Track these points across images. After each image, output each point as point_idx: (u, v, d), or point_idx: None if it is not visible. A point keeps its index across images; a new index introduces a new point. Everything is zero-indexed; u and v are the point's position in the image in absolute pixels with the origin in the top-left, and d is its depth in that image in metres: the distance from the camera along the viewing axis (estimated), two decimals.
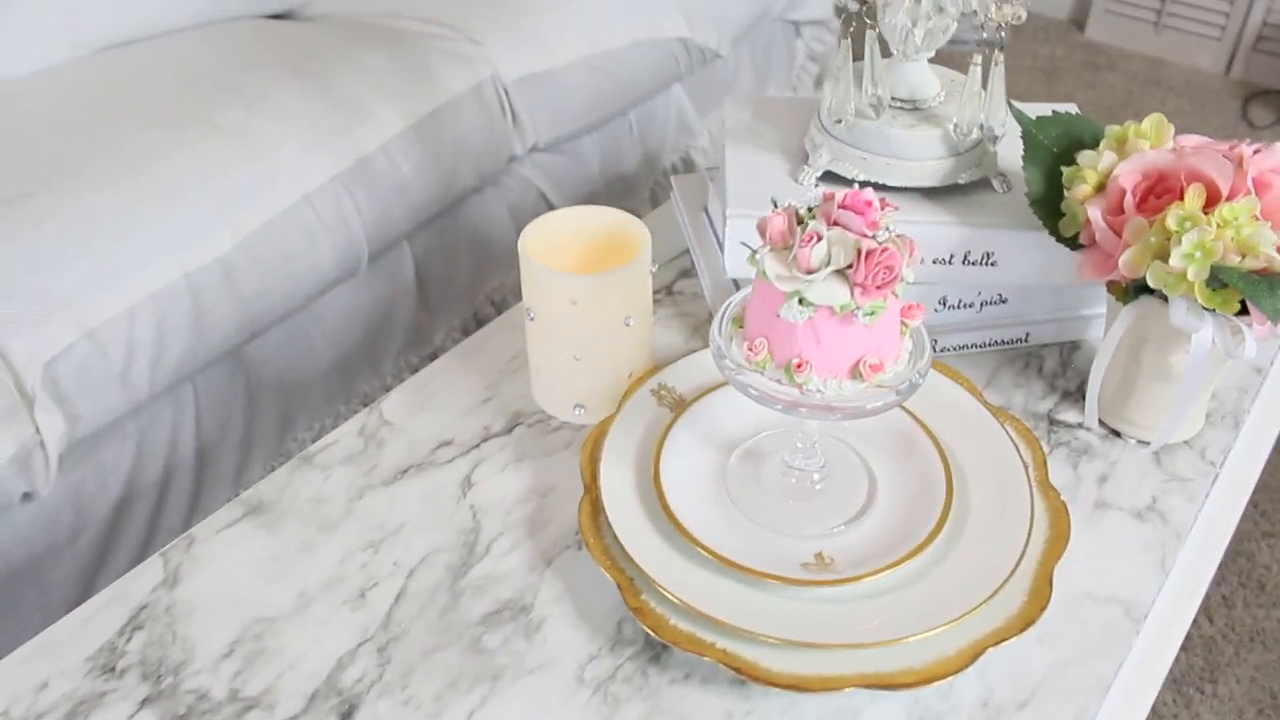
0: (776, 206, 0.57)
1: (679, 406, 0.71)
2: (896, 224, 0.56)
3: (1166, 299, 0.66)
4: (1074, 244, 0.72)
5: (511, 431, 0.75)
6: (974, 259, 0.77)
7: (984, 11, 0.72)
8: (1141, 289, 0.68)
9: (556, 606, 0.63)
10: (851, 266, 0.54)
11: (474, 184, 1.27)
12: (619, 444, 0.68)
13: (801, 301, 0.55)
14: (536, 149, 1.35)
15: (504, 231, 1.35)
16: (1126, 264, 0.66)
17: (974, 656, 0.57)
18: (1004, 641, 0.57)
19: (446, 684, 0.59)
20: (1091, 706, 0.59)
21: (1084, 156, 0.71)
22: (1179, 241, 0.63)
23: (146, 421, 1.02)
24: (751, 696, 0.58)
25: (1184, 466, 0.73)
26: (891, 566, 0.60)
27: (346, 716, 0.57)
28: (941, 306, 0.80)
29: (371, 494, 0.70)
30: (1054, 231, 0.73)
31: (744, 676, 0.56)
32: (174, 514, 1.07)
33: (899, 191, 0.78)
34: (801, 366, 0.57)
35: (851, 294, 0.55)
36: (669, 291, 0.89)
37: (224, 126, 1.06)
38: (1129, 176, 0.68)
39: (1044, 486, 0.67)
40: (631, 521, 0.63)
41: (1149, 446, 0.74)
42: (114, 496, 1.01)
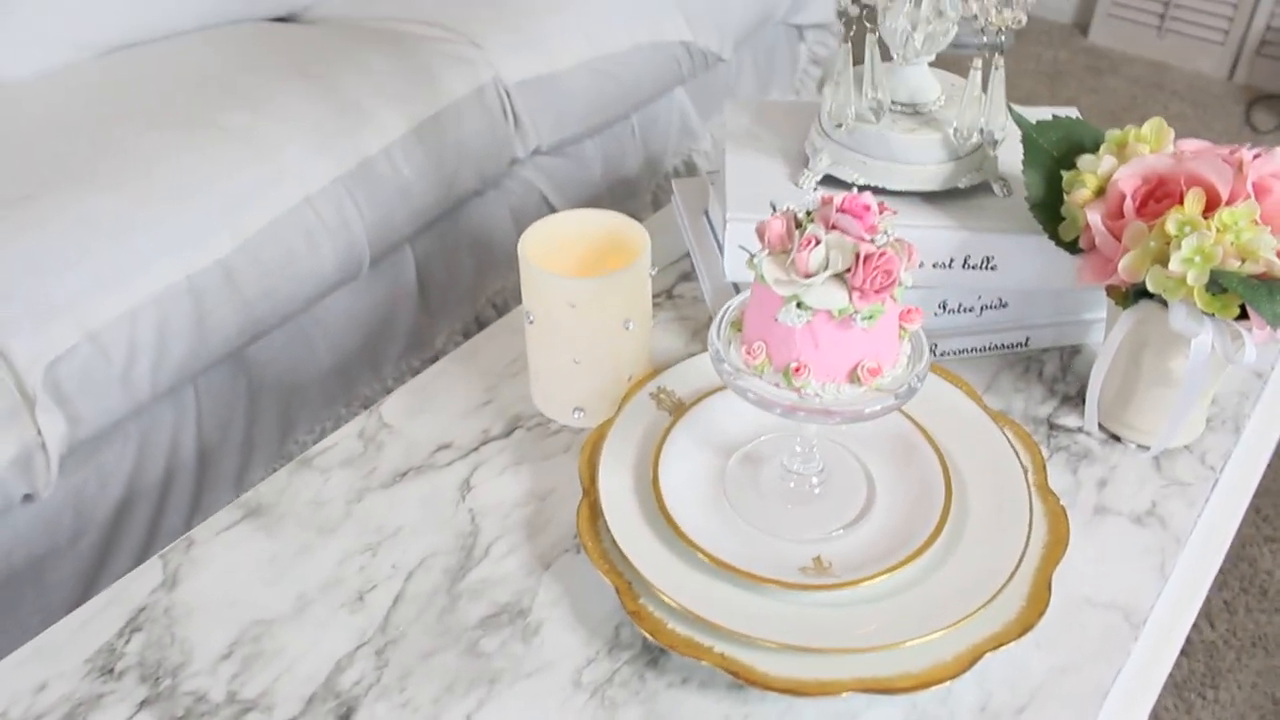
0: (775, 210, 0.57)
1: (678, 410, 0.71)
2: (896, 228, 0.56)
3: (1166, 304, 0.66)
4: (1074, 248, 0.72)
5: (511, 435, 0.75)
6: (974, 263, 0.77)
7: (984, 16, 0.72)
8: (1141, 293, 0.68)
9: (554, 610, 0.63)
10: (850, 270, 0.54)
11: (476, 187, 1.27)
12: (618, 448, 0.68)
13: (800, 305, 0.55)
14: (538, 152, 1.35)
15: (505, 234, 1.35)
16: (1126, 268, 0.66)
17: (972, 661, 0.57)
18: (1002, 646, 0.57)
19: (444, 687, 0.59)
20: (1090, 712, 0.59)
21: (1084, 161, 0.71)
22: (1178, 246, 0.63)
23: (148, 423, 1.02)
24: (749, 701, 0.58)
25: (1184, 471, 0.73)
26: (890, 571, 0.60)
27: (344, 719, 0.57)
28: (941, 310, 0.80)
29: (370, 497, 0.70)
30: (1054, 236, 0.73)
31: (741, 681, 0.56)
32: (175, 516, 1.07)
33: (899, 195, 0.78)
34: (800, 370, 0.57)
35: (850, 298, 0.55)
36: (669, 295, 0.89)
37: (228, 129, 1.07)
38: (1129, 181, 0.68)
39: (1043, 491, 0.67)
40: (630, 525, 0.63)
41: (1149, 451, 0.73)
42: (115, 498, 1.01)
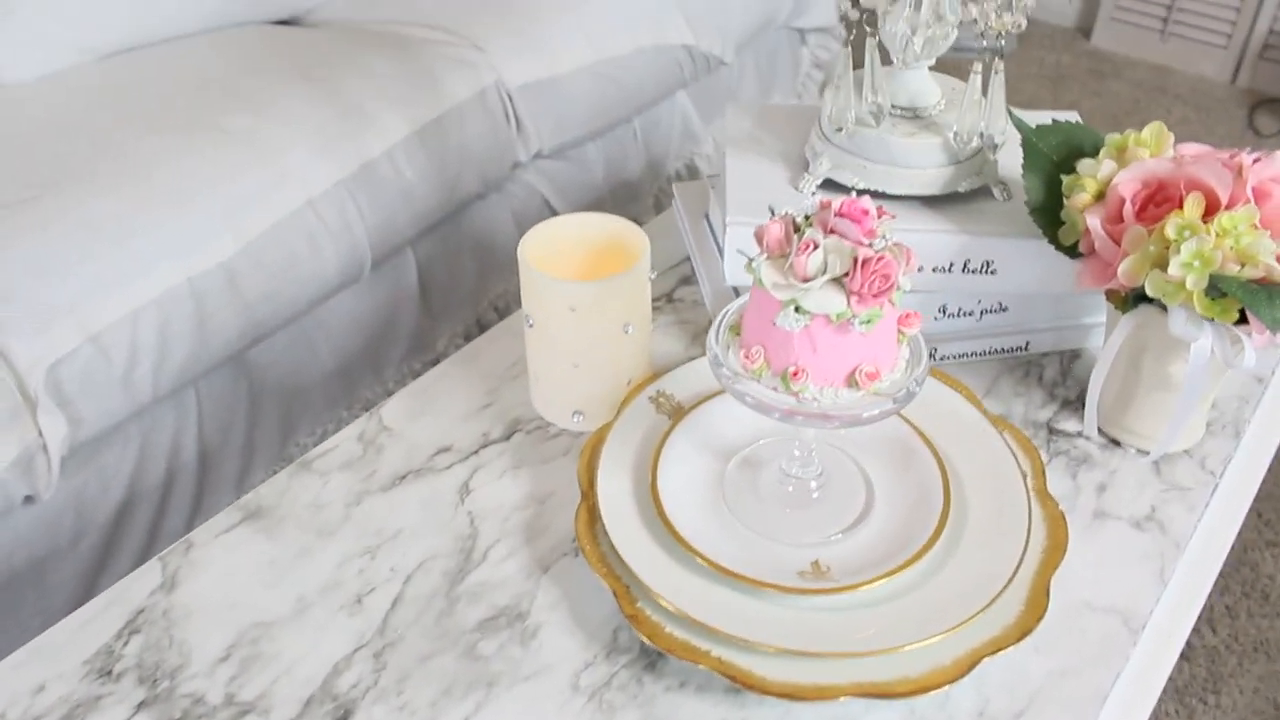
0: (774, 214, 0.57)
1: (677, 414, 0.71)
2: (895, 232, 0.56)
3: (1165, 308, 0.66)
4: (1073, 252, 0.72)
5: (510, 438, 0.75)
6: (974, 267, 0.77)
7: (984, 20, 0.72)
8: (1140, 298, 0.68)
9: (552, 613, 0.63)
10: (848, 275, 0.54)
11: (478, 190, 1.28)
12: (617, 451, 0.68)
13: (798, 309, 0.55)
14: (541, 155, 1.35)
15: (507, 238, 1.35)
16: (1125, 273, 0.66)
17: (970, 666, 0.57)
18: (1000, 651, 0.57)
19: (441, 690, 0.59)
20: (1089, 717, 0.58)
21: (1084, 165, 0.71)
22: (1178, 250, 0.63)
23: (149, 425, 1.02)
24: (746, 705, 0.58)
25: (1184, 476, 0.73)
26: (888, 575, 0.60)
27: None
28: (941, 315, 0.80)
29: (370, 500, 0.70)
30: (1054, 240, 0.73)
31: (739, 685, 0.56)
32: (176, 518, 1.07)
33: (899, 199, 0.78)
34: (798, 374, 0.57)
35: (848, 302, 0.55)
36: (669, 299, 0.89)
37: (230, 131, 1.07)
38: (1128, 185, 0.68)
39: (1042, 495, 0.66)
40: (628, 529, 0.63)
41: (1149, 456, 0.73)
42: (116, 500, 1.01)
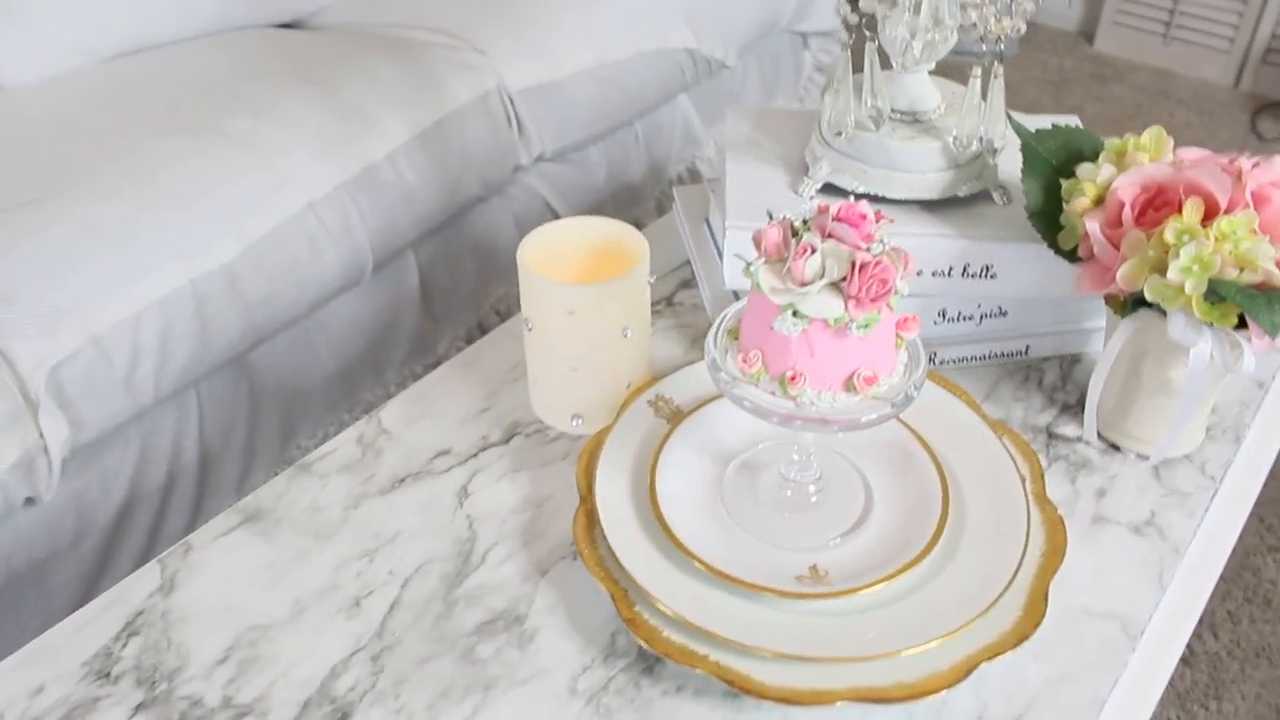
0: (772, 218, 0.57)
1: (676, 418, 0.71)
2: (895, 236, 0.56)
3: (1165, 313, 0.66)
4: (1073, 257, 0.72)
5: (509, 441, 0.75)
6: (973, 271, 0.77)
7: (983, 24, 0.72)
8: (1140, 302, 0.68)
9: (550, 617, 0.63)
10: (845, 279, 0.54)
11: (479, 193, 1.28)
12: (615, 455, 0.68)
13: (795, 314, 0.55)
14: (542, 159, 1.35)
15: (509, 241, 1.35)
16: (1124, 277, 0.66)
17: (968, 671, 0.56)
18: (998, 656, 0.57)
19: (439, 693, 0.59)
20: None
21: (1083, 169, 0.71)
22: (1177, 255, 0.63)
23: (150, 428, 1.02)
24: (744, 709, 0.58)
25: (1183, 481, 0.73)
26: (886, 580, 0.60)
27: None
28: (941, 319, 0.80)
29: (368, 503, 0.70)
30: (1053, 244, 0.73)
31: (737, 689, 0.56)
32: (176, 520, 1.07)
33: (898, 204, 0.78)
34: (796, 379, 0.56)
35: (845, 306, 0.55)
36: (669, 302, 0.89)
37: (232, 134, 1.07)
38: (1128, 189, 0.68)
39: (1041, 500, 0.66)
40: (626, 533, 0.63)
41: (1148, 461, 0.73)
42: (117, 502, 1.01)
